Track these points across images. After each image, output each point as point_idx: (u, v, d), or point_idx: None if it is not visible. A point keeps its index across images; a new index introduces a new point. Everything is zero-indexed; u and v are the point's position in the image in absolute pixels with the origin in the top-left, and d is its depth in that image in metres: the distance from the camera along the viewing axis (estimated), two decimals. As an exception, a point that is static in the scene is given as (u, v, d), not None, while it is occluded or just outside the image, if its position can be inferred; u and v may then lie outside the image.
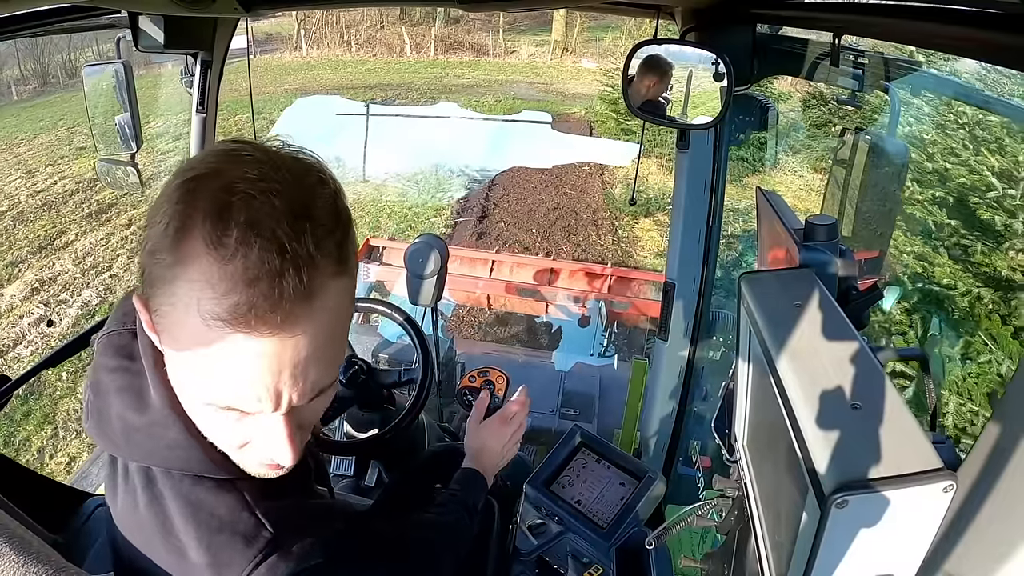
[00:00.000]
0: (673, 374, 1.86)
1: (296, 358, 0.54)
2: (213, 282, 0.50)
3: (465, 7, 1.11)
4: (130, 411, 0.63)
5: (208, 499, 0.63)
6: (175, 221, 0.52)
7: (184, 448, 0.62)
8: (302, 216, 0.52)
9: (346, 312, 0.60)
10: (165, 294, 0.53)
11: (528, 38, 17.62)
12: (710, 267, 1.72)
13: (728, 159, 1.67)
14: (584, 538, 1.27)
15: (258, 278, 0.50)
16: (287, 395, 0.56)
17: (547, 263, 4.82)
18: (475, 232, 7.80)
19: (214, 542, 0.61)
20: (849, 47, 1.24)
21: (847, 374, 0.58)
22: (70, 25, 1.41)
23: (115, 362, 0.65)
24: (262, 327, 0.51)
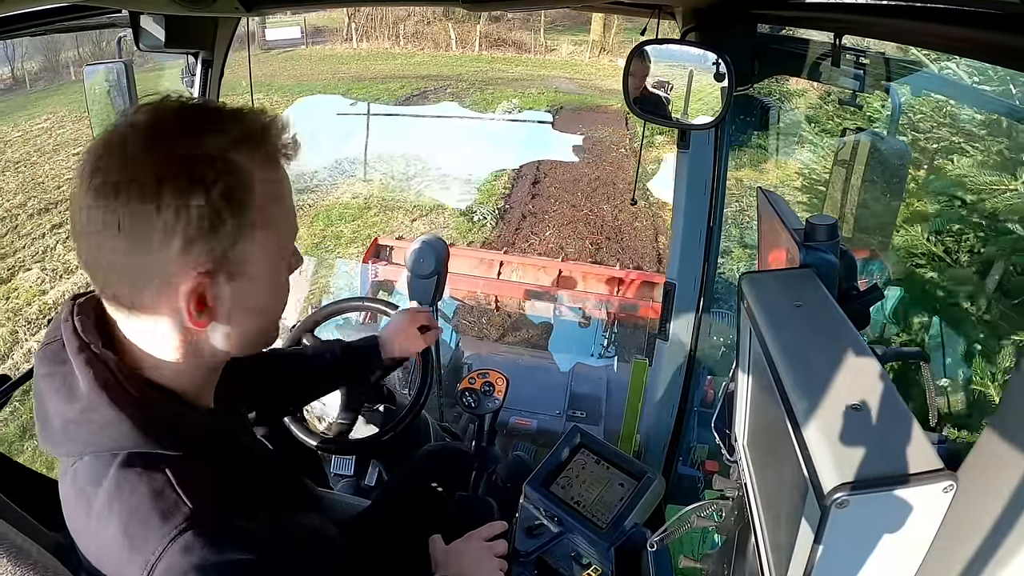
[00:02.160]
0: (673, 374, 1.86)
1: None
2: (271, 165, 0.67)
3: (467, 7, 1.11)
4: (64, 404, 0.65)
5: (132, 479, 0.63)
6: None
7: (113, 425, 0.63)
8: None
9: None
10: (245, 220, 0.63)
11: (567, 37, 18.33)
12: (710, 267, 1.72)
13: (729, 159, 1.66)
14: (583, 538, 1.27)
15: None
16: None
17: (554, 264, 4.82)
18: (530, 193, 8.89)
19: (132, 520, 0.62)
20: (849, 47, 1.24)
21: (847, 374, 0.58)
22: (70, 25, 1.41)
23: (48, 368, 0.67)
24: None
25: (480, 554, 1.06)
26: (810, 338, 0.64)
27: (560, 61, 17.38)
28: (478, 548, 1.07)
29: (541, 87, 13.98)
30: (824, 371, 0.59)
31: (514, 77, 15.25)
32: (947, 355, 3.33)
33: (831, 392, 0.56)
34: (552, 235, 7.77)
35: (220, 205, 0.60)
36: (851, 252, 0.78)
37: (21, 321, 6.55)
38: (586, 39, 17.85)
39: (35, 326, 6.48)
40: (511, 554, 1.30)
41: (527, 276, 4.69)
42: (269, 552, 0.66)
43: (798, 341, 0.63)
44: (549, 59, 17.62)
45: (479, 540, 1.08)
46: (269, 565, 0.65)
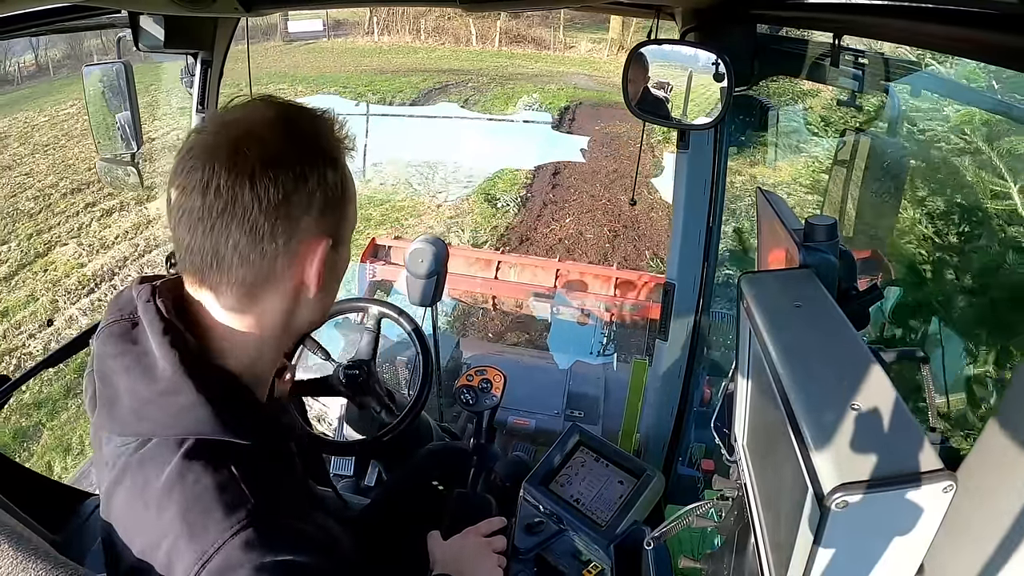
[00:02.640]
0: (673, 374, 1.86)
1: None
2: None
3: (466, 7, 1.11)
4: (140, 384, 0.65)
5: (197, 468, 0.63)
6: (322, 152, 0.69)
7: (195, 409, 0.64)
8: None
9: None
10: (346, 203, 0.71)
11: (586, 35, 18.77)
12: (710, 267, 1.72)
13: (728, 159, 1.67)
14: (583, 536, 1.27)
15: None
16: None
17: (551, 264, 4.83)
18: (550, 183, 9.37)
19: (194, 508, 0.61)
20: (849, 47, 1.24)
21: (847, 374, 0.58)
22: (70, 25, 1.41)
23: (119, 348, 0.67)
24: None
25: (478, 550, 1.05)
26: (810, 338, 0.64)
27: (579, 58, 17.74)
28: (476, 544, 1.07)
29: (560, 83, 14.27)
30: (824, 371, 0.59)
31: (534, 73, 15.61)
32: (947, 355, 3.33)
33: (831, 392, 0.56)
34: (572, 222, 8.18)
35: (338, 180, 0.69)
36: (851, 252, 0.78)
37: (60, 291, 7.02)
38: (604, 37, 18.19)
39: (74, 296, 6.98)
40: (511, 551, 1.30)
41: (524, 276, 4.69)
42: (316, 554, 0.66)
43: (798, 341, 0.63)
44: (568, 56, 18.00)
45: (477, 536, 1.08)
46: (315, 567, 0.66)
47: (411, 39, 19.03)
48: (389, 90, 13.57)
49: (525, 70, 16.07)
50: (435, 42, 18.97)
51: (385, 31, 19.34)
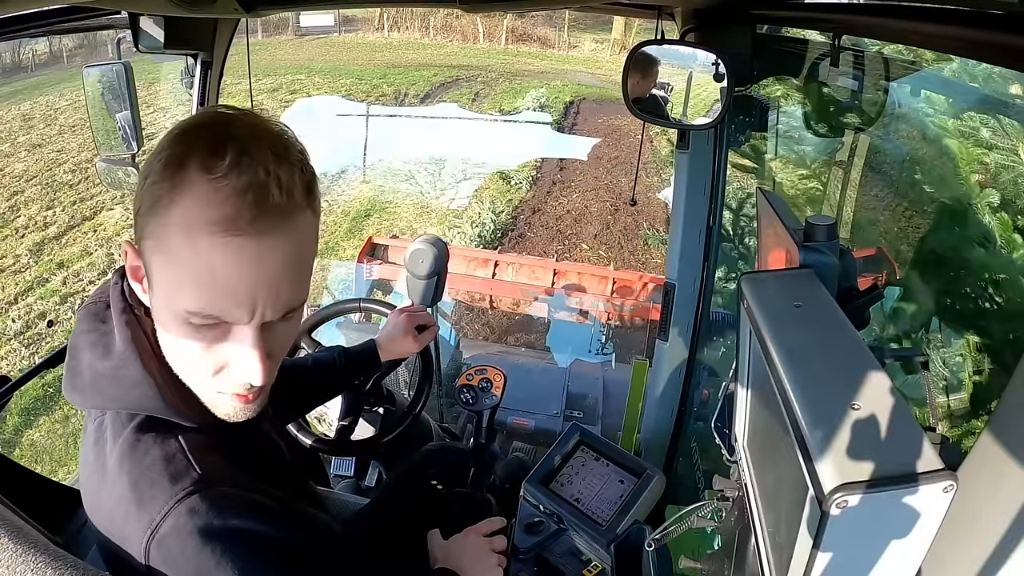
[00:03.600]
0: (673, 374, 1.86)
1: (271, 269, 0.62)
2: (209, 196, 0.59)
3: (465, 7, 1.11)
4: (98, 360, 0.69)
5: (147, 441, 0.66)
6: (174, 157, 0.60)
7: (141, 385, 0.67)
8: (281, 153, 0.62)
9: (313, 244, 0.69)
10: (162, 216, 0.60)
11: (590, 35, 19.45)
12: (710, 267, 1.72)
13: (728, 159, 1.67)
14: (583, 536, 1.27)
15: (247, 190, 0.59)
16: (261, 306, 0.63)
17: (549, 263, 4.82)
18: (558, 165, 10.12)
19: (143, 479, 0.65)
20: (848, 47, 1.24)
21: (847, 374, 0.58)
22: (70, 25, 1.41)
23: (89, 325, 0.72)
24: (249, 230, 0.59)
25: (478, 549, 1.06)
26: (810, 338, 0.64)
27: (582, 57, 18.37)
28: (476, 543, 1.07)
29: (565, 80, 14.89)
30: (824, 371, 0.59)
31: (539, 70, 16.20)
32: (947, 355, 3.33)
33: (831, 392, 0.56)
34: (578, 198, 9.07)
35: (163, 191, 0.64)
36: (851, 252, 0.78)
37: (114, 247, 7.60)
38: (608, 38, 18.79)
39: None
40: (511, 551, 1.30)
41: (522, 275, 4.68)
42: (275, 525, 0.67)
43: (798, 341, 0.63)
44: (572, 55, 18.63)
45: (477, 535, 1.08)
46: (273, 538, 0.66)
47: (420, 35, 19.55)
48: (403, 83, 14.03)
49: (531, 67, 16.60)
50: (444, 39, 19.48)
51: (395, 27, 19.84)
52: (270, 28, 18.10)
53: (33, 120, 11.70)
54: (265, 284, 0.62)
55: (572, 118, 12.40)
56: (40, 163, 9.87)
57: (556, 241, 8.02)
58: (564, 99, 13.23)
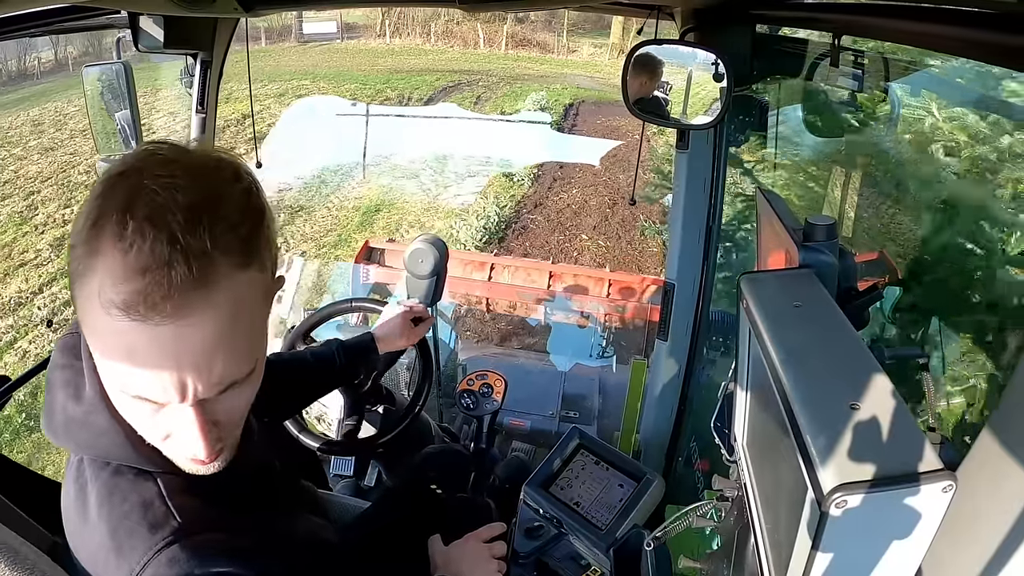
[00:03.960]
0: (673, 374, 1.86)
1: (196, 348, 0.56)
2: (114, 272, 0.53)
3: (465, 8, 1.11)
4: (70, 402, 0.66)
5: (124, 486, 0.64)
6: (91, 215, 0.55)
7: (109, 435, 0.64)
8: (202, 210, 0.55)
9: (256, 306, 0.62)
10: (79, 285, 0.56)
11: (588, 40, 19.83)
12: (710, 267, 1.72)
13: (727, 159, 1.67)
14: (583, 539, 1.27)
15: (148, 268, 0.53)
16: (192, 385, 0.57)
17: (545, 266, 4.82)
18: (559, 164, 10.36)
19: (121, 527, 0.63)
20: (848, 47, 1.24)
21: (847, 374, 0.58)
22: (70, 25, 1.41)
23: (64, 360, 0.69)
24: (153, 315, 0.53)
25: (479, 555, 1.06)
26: (809, 338, 0.64)
27: (581, 62, 18.69)
28: (477, 549, 1.07)
29: (564, 83, 15.24)
30: (823, 371, 0.59)
31: (539, 74, 16.59)
32: (947, 355, 3.33)
33: (830, 392, 0.56)
34: (578, 193, 9.44)
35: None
36: (850, 252, 0.78)
37: None
38: (606, 42, 19.03)
39: None
40: (511, 555, 1.30)
41: (518, 278, 4.68)
42: (258, 568, 0.65)
43: (798, 341, 0.63)
44: (571, 59, 18.94)
45: (478, 541, 1.08)
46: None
47: (421, 42, 19.78)
48: (406, 87, 14.31)
49: (531, 71, 16.96)
50: (445, 44, 19.72)
51: (396, 34, 20.05)
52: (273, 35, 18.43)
53: (43, 125, 11.88)
54: (191, 365, 0.56)
55: (572, 119, 12.72)
56: (54, 165, 10.05)
57: (557, 232, 8.29)
58: (564, 101, 13.55)
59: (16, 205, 8.86)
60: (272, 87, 13.43)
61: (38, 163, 10.22)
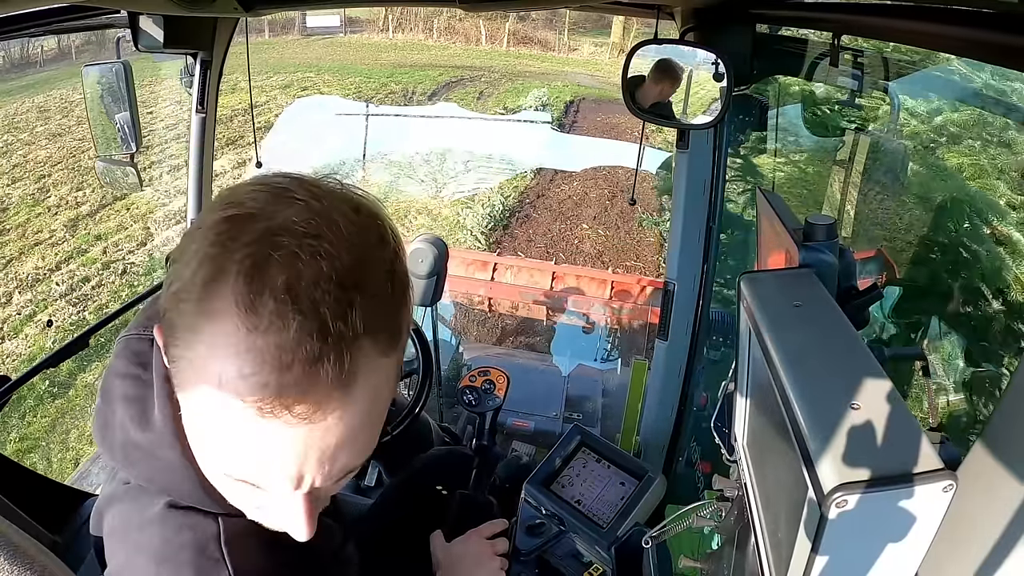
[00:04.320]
0: (673, 374, 1.86)
1: (325, 445, 0.49)
2: (240, 353, 0.44)
3: (465, 7, 1.11)
4: (133, 424, 0.59)
5: (180, 519, 0.58)
6: (205, 267, 0.46)
7: (178, 473, 0.58)
8: (352, 286, 0.46)
9: (388, 392, 0.53)
10: (185, 346, 0.47)
11: (589, 39, 20.07)
12: (710, 267, 1.72)
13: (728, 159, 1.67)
14: (584, 537, 1.27)
15: (292, 363, 0.44)
16: (310, 479, 0.51)
17: (548, 266, 4.82)
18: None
19: (167, 563, 0.57)
20: (848, 47, 1.24)
21: (847, 374, 0.58)
22: (70, 25, 1.41)
23: (127, 368, 0.61)
24: (290, 417, 0.45)
25: (481, 552, 1.05)
26: (810, 338, 0.64)
27: (582, 60, 19.00)
28: (478, 546, 1.07)
29: (565, 81, 15.62)
30: (823, 371, 0.59)
31: (540, 71, 16.90)
32: (947, 355, 3.33)
33: (830, 392, 0.56)
34: (578, 185, 9.94)
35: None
36: (850, 252, 0.78)
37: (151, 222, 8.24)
38: (606, 41, 19.32)
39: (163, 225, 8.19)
40: (512, 553, 1.30)
41: (520, 278, 4.69)
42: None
43: (798, 341, 0.63)
44: (571, 57, 19.25)
45: (479, 538, 1.08)
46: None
47: (424, 37, 20.00)
48: (410, 82, 14.60)
49: (532, 69, 17.18)
50: (447, 41, 19.95)
51: (399, 29, 20.29)
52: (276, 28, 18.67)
53: (49, 112, 12.06)
54: (315, 461, 0.49)
55: (572, 116, 13.04)
56: (63, 151, 10.25)
57: (559, 221, 8.65)
58: (564, 99, 13.83)
59: (28, 188, 9.12)
60: (277, 79, 13.75)
61: (47, 148, 10.44)
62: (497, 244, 7.79)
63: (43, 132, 11.07)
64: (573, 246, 7.91)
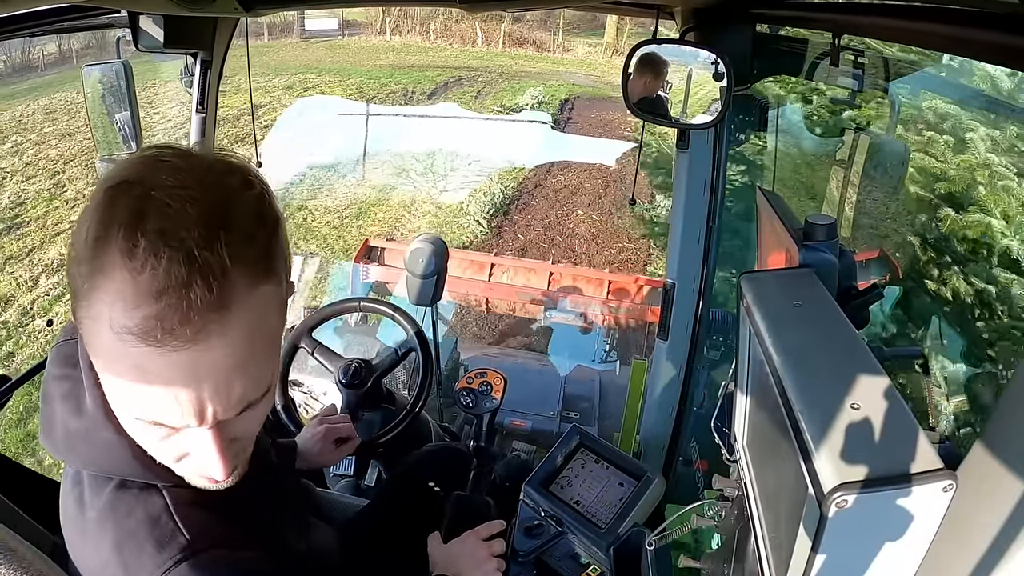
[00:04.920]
0: (673, 374, 1.86)
1: (216, 371, 0.53)
2: (125, 295, 0.50)
3: (465, 7, 1.11)
4: (71, 416, 0.63)
5: (129, 500, 0.62)
6: (94, 230, 0.51)
7: (115, 450, 0.62)
8: (218, 223, 0.51)
9: (273, 321, 0.59)
10: (84, 306, 0.52)
11: (583, 39, 20.39)
12: (710, 267, 1.72)
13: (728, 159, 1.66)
14: (583, 538, 1.27)
15: (165, 290, 0.49)
16: (211, 409, 0.55)
17: (545, 266, 4.82)
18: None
19: (127, 544, 0.61)
20: (848, 47, 1.24)
21: (847, 374, 0.58)
22: (70, 25, 1.41)
23: (60, 371, 0.66)
24: (172, 341, 0.50)
25: (478, 553, 1.06)
26: (810, 338, 0.64)
27: (576, 60, 19.26)
28: (476, 547, 1.07)
29: (560, 80, 15.92)
30: (824, 371, 0.59)
31: (536, 71, 17.16)
32: (947, 355, 3.33)
33: (831, 392, 0.56)
34: (573, 176, 10.17)
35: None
36: (850, 252, 0.78)
37: None
38: (600, 41, 19.55)
39: None
40: (510, 554, 1.30)
41: (518, 278, 4.68)
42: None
43: (798, 341, 0.63)
44: (566, 58, 19.50)
45: (477, 539, 1.08)
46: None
47: (421, 39, 20.21)
48: (409, 82, 14.91)
49: (528, 69, 17.44)
50: (443, 42, 20.14)
51: (396, 31, 20.51)
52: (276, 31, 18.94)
53: (55, 113, 12.22)
54: (210, 389, 0.54)
55: (567, 113, 13.50)
56: (74, 149, 10.41)
57: (555, 208, 9.08)
58: (560, 97, 14.25)
59: (43, 184, 9.35)
60: (279, 80, 14.01)
61: (57, 147, 10.62)
62: (498, 228, 8.35)
63: (51, 132, 11.27)
64: (569, 230, 8.46)
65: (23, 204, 8.73)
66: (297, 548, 0.79)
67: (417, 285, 1.81)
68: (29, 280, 7.07)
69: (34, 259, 7.49)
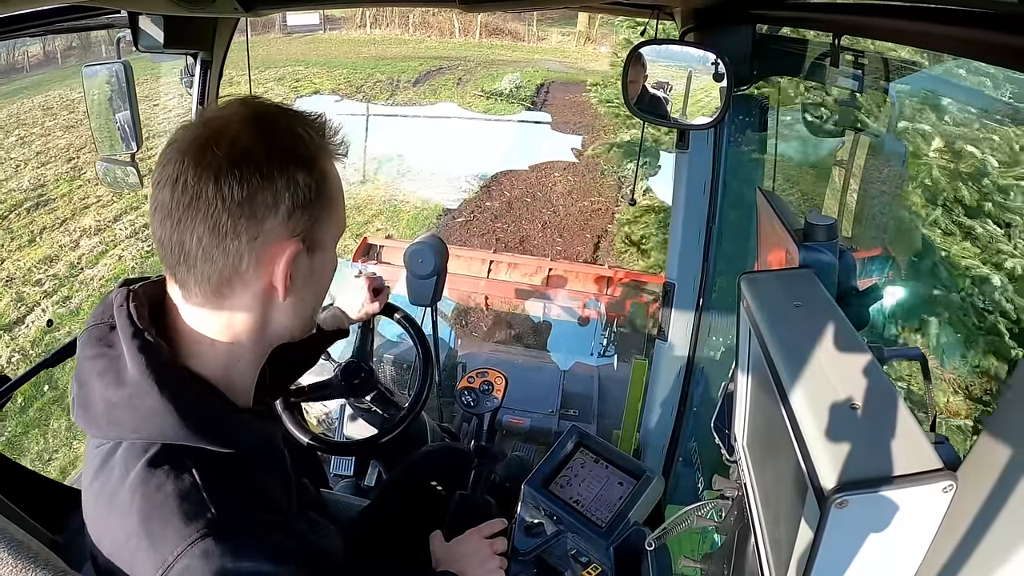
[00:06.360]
0: (673, 374, 1.86)
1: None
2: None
3: (464, 7, 1.11)
4: (110, 389, 0.66)
5: (159, 476, 0.64)
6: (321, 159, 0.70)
7: (159, 414, 0.64)
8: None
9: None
10: (324, 201, 0.70)
11: (556, 29, 21.11)
12: (710, 267, 1.72)
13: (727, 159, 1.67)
14: (583, 537, 1.27)
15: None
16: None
17: (544, 263, 4.82)
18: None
19: (154, 516, 0.62)
20: (848, 47, 1.24)
21: (847, 374, 0.58)
22: (70, 25, 1.41)
23: (95, 351, 0.68)
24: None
25: (480, 551, 1.07)
26: (810, 338, 0.64)
27: (550, 48, 19.95)
28: (477, 545, 1.08)
29: (536, 67, 16.59)
30: (823, 371, 0.59)
31: (512, 59, 17.71)
32: (947, 355, 3.33)
33: (831, 392, 0.56)
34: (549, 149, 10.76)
35: (312, 182, 0.68)
36: (850, 252, 0.78)
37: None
38: (573, 31, 20.23)
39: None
40: (511, 552, 1.30)
41: (516, 275, 4.69)
42: (289, 564, 0.66)
43: (798, 341, 0.63)
44: (540, 46, 20.15)
45: (479, 537, 1.09)
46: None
47: (400, 32, 20.70)
48: (394, 72, 15.37)
49: (504, 57, 18.08)
50: (422, 34, 20.66)
51: (376, 25, 20.92)
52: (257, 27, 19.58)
53: (53, 109, 12.42)
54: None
55: (543, 96, 14.42)
56: (82, 139, 10.58)
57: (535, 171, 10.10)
58: (536, 82, 15.07)
59: (60, 168, 9.75)
60: (269, 73, 14.53)
61: (64, 138, 10.91)
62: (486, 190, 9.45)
63: (54, 126, 11.51)
64: (548, 188, 9.61)
65: (44, 186, 9.23)
66: (311, 539, 0.80)
67: (416, 285, 1.81)
68: (70, 243, 7.78)
69: (69, 227, 8.10)
